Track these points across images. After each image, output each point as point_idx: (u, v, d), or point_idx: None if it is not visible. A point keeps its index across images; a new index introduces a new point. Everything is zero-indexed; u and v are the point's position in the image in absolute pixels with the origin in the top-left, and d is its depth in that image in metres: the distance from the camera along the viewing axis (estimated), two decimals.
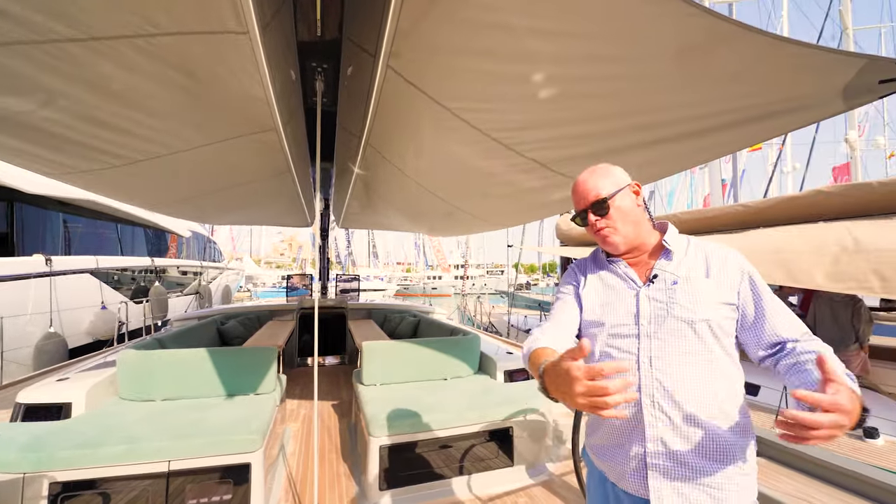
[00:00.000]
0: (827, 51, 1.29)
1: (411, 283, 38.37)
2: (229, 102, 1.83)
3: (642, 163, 2.12)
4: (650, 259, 1.04)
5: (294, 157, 3.00)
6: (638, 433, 0.93)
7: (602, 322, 1.02)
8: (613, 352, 0.99)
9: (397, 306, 5.58)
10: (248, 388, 2.66)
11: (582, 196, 1.03)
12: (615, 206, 1.00)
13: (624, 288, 1.03)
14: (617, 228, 1.01)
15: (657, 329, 0.94)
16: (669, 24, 1.22)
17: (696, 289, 0.94)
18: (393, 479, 2.25)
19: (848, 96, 1.43)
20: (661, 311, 0.95)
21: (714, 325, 0.91)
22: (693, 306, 0.92)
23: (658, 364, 0.93)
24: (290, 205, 4.95)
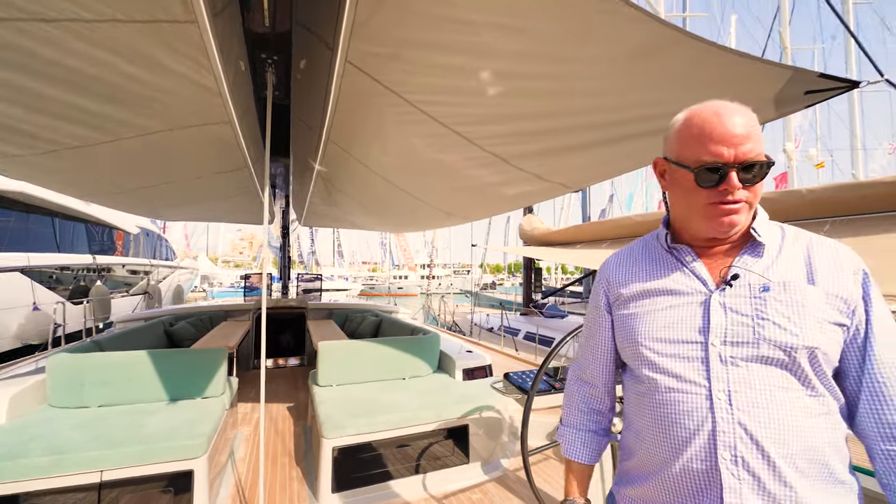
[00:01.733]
0: (760, 61, 1.40)
1: (377, 283, 37.96)
2: (179, 92, 1.74)
3: (594, 162, 2.21)
4: (730, 251, 0.74)
5: (251, 152, 2.89)
6: (711, 497, 0.66)
7: (650, 332, 0.75)
8: (668, 380, 0.71)
9: (359, 306, 5.50)
10: (195, 392, 2.54)
11: (729, 141, 0.67)
12: (764, 178, 0.69)
13: (687, 289, 0.74)
14: (750, 208, 0.71)
15: (736, 353, 0.67)
16: (620, 28, 1.28)
17: (796, 300, 0.67)
18: (346, 481, 2.22)
19: (778, 104, 1.56)
20: (743, 328, 0.68)
21: (821, 354, 0.65)
22: (794, 327, 0.65)
23: (740, 403, 0.65)
24: (249, 201, 4.77)
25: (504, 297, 13.91)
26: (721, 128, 0.67)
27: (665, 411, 0.71)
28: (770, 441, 0.63)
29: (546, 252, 7.14)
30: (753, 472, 0.63)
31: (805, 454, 0.63)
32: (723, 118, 0.67)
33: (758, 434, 0.63)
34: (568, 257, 7.11)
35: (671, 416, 0.70)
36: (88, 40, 1.36)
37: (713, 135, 0.67)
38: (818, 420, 0.65)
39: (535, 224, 8.17)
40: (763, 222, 0.73)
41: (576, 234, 7.09)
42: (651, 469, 0.73)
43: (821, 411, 0.65)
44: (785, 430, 0.63)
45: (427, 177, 2.97)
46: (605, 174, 2.36)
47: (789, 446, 0.63)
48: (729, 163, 0.66)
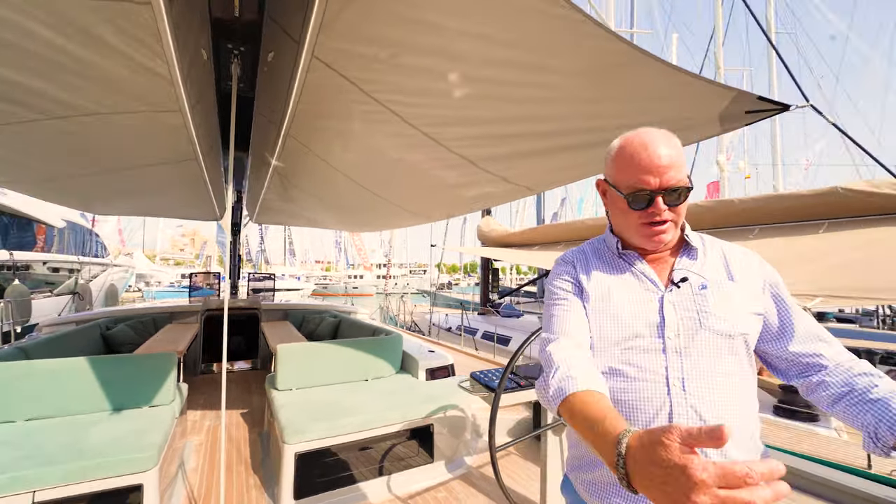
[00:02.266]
0: (709, 82, 1.54)
1: (331, 283, 36.97)
2: (125, 75, 1.61)
3: (558, 166, 2.31)
4: (669, 256, 0.85)
5: (202, 144, 2.73)
6: None
7: (613, 331, 0.81)
8: (631, 370, 0.78)
9: (316, 306, 5.35)
10: (141, 401, 2.36)
11: (655, 171, 0.76)
12: (686, 200, 0.79)
13: (641, 290, 0.83)
14: (678, 224, 0.81)
15: (688, 343, 0.76)
16: (588, 44, 1.35)
17: (727, 295, 0.78)
18: (308, 487, 2.16)
19: (723, 121, 1.71)
20: (690, 321, 0.77)
21: (750, 339, 0.78)
22: (730, 317, 0.77)
23: (692, 388, 0.74)
24: (197, 196, 4.49)
25: (461, 296, 14.06)
26: (647, 159, 0.77)
27: (627, 398, 0.78)
28: (715, 420, 0.72)
29: (504, 253, 7.32)
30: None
31: (740, 428, 0.74)
32: (649, 149, 0.77)
33: (706, 415, 0.73)
34: (525, 258, 7.33)
35: (633, 402, 0.77)
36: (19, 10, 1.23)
37: (641, 165, 0.77)
38: (748, 397, 0.78)
39: (492, 226, 8.34)
40: (690, 231, 0.86)
41: (532, 236, 7.32)
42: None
43: (749, 389, 0.78)
44: (727, 410, 0.74)
45: (392, 176, 2.96)
46: (568, 178, 2.47)
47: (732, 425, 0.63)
48: (655, 189, 0.76)
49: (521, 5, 1.22)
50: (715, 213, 4.52)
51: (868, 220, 3.31)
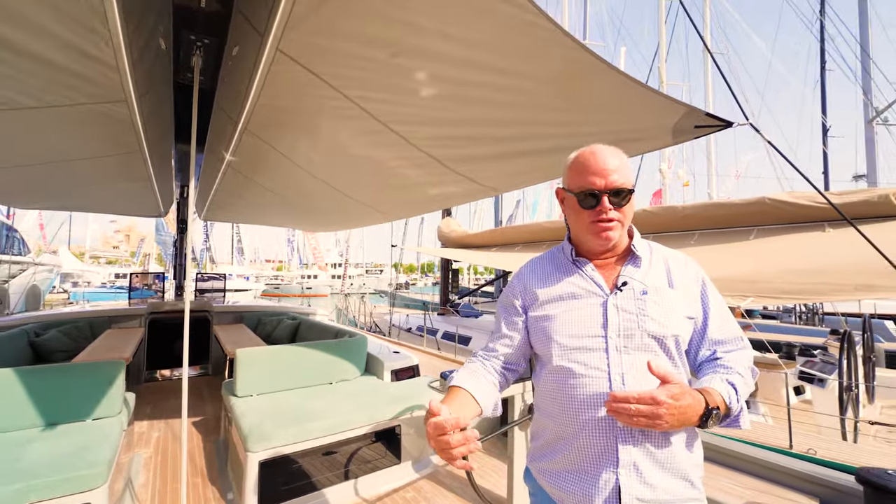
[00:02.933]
0: (663, 96, 1.65)
1: (283, 283, 35.61)
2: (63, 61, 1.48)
3: (523, 169, 2.39)
4: (617, 263, 0.94)
5: (149, 136, 2.56)
6: (608, 459, 0.83)
7: (563, 330, 0.91)
8: (578, 367, 0.87)
9: (273, 308, 5.15)
10: (83, 413, 2.18)
11: (600, 174, 0.88)
12: (629, 202, 0.90)
13: (589, 294, 0.92)
14: (621, 225, 0.91)
15: (628, 343, 0.85)
16: (557, 53, 1.41)
17: (664, 300, 0.88)
18: (273, 495, 2.10)
19: (674, 133, 1.84)
20: (630, 323, 0.86)
21: (681, 340, 0.88)
22: (664, 320, 0.86)
23: (631, 382, 0.83)
24: (139, 190, 4.18)
25: (420, 296, 14.06)
26: (595, 164, 0.89)
27: (575, 393, 0.87)
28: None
29: (464, 254, 7.42)
30: (638, 436, 0.82)
31: None
32: (597, 156, 0.90)
33: None
34: (484, 259, 7.47)
35: (580, 397, 0.86)
36: None
37: (590, 169, 0.89)
38: None
39: (452, 227, 8.42)
40: (638, 239, 0.95)
41: (491, 237, 7.47)
42: (562, 444, 0.89)
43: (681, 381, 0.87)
44: None
45: (358, 174, 2.92)
46: (533, 180, 2.57)
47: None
48: (601, 189, 0.88)
49: (495, 10, 1.25)
50: (661, 218, 4.86)
51: (790, 228, 3.71)
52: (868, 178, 11.39)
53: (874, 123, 11.78)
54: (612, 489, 0.81)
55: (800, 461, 2.10)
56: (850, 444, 3.20)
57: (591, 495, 0.83)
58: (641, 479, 0.81)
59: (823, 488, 1.78)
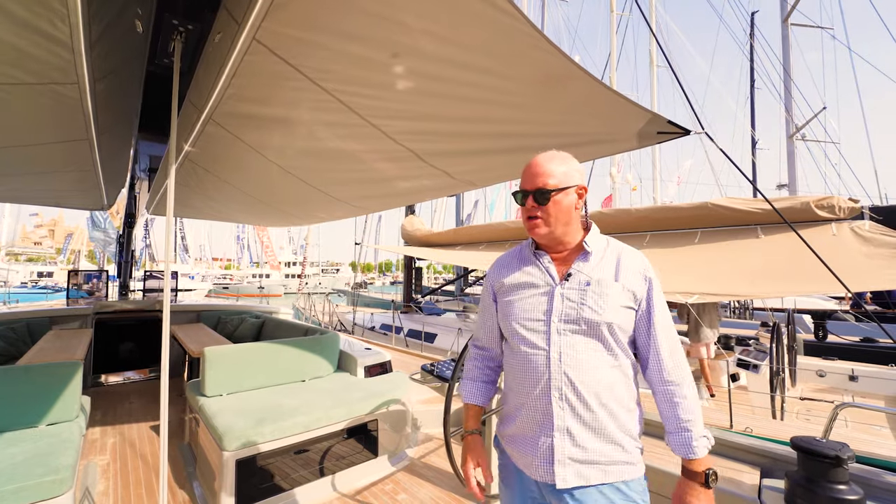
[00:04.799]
0: (631, 103, 1.77)
1: (232, 282, 33.84)
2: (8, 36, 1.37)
3: (500, 165, 2.48)
4: (571, 257, 1.06)
5: (102, 123, 2.41)
6: (547, 424, 0.98)
7: (517, 314, 1.06)
8: (526, 346, 1.02)
9: (233, 307, 4.95)
10: (35, 419, 2.02)
11: (530, 177, 1.03)
12: (555, 201, 1.00)
13: (541, 283, 1.05)
14: (548, 223, 1.02)
15: (566, 327, 0.99)
16: (536, 56, 1.48)
17: (604, 291, 0.99)
18: (251, 494, 2.06)
19: (639, 138, 1.98)
20: (571, 310, 0.99)
21: (616, 327, 0.98)
22: (600, 309, 0.97)
23: (566, 360, 0.97)
24: (79, 181, 3.88)
25: (384, 296, 13.94)
26: (528, 168, 1.05)
27: (523, 367, 1.03)
28: (580, 383, 0.96)
29: (428, 252, 7.48)
30: (571, 403, 0.96)
31: (603, 391, 0.97)
32: (534, 161, 1.05)
33: (574, 379, 0.96)
34: (448, 257, 7.56)
35: (526, 371, 1.02)
36: None
37: (525, 171, 1.06)
38: (613, 370, 0.99)
39: (416, 225, 8.45)
40: (594, 235, 1.06)
41: (455, 236, 7.59)
42: (515, 411, 1.06)
43: (615, 364, 0.99)
44: (590, 376, 0.97)
45: (331, 166, 2.88)
46: (509, 176, 2.68)
47: (592, 386, 0.96)
48: (526, 190, 1.04)
49: (479, 11, 1.29)
50: (616, 219, 5.18)
51: (729, 231, 4.09)
52: (789, 188, 12.67)
53: (794, 139, 13.12)
54: (547, 448, 0.98)
55: (740, 436, 2.36)
56: (780, 422, 3.60)
57: (534, 454, 1.00)
58: (573, 442, 0.96)
59: (762, 458, 2.01)
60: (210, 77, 1.96)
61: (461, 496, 2.26)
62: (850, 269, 3.22)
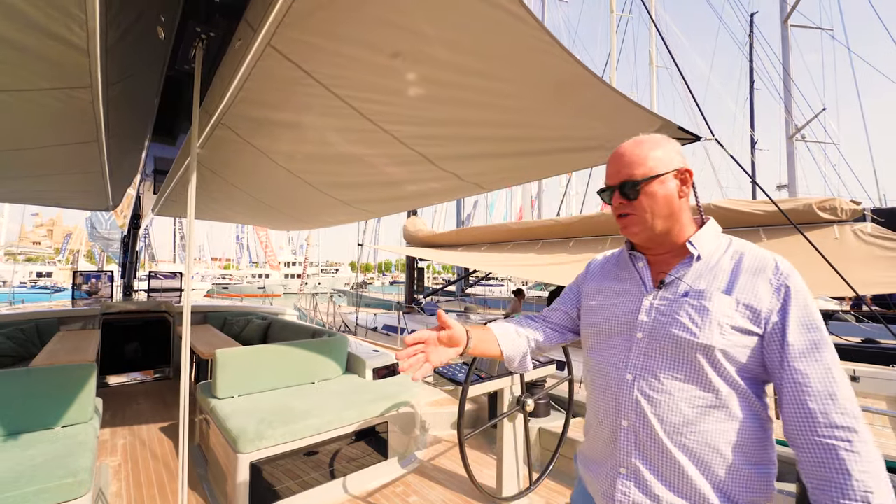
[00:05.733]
0: (642, 108, 1.79)
1: (231, 282, 33.82)
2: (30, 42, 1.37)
3: (510, 168, 2.51)
4: (673, 259, 0.86)
5: (111, 126, 2.42)
6: (611, 453, 0.83)
7: (596, 322, 0.92)
8: (601, 361, 0.88)
9: (239, 308, 4.96)
10: (52, 420, 2.04)
11: (614, 169, 0.85)
12: (647, 193, 0.81)
13: (631, 288, 0.89)
14: (642, 220, 0.83)
15: (651, 346, 0.81)
16: (549, 63, 1.49)
17: (706, 306, 0.76)
18: (265, 496, 2.08)
19: None
20: (660, 324, 0.80)
21: (720, 353, 0.74)
22: (696, 328, 0.76)
23: (641, 385, 0.80)
24: (86, 183, 3.89)
25: (387, 297, 13.95)
26: (611, 159, 0.88)
27: (596, 384, 0.89)
28: (656, 418, 0.77)
29: (430, 253, 7.48)
30: (639, 440, 0.79)
31: (690, 435, 0.74)
32: (616, 151, 0.87)
33: (648, 412, 0.78)
34: (450, 258, 7.57)
35: (598, 389, 0.88)
36: None
37: (608, 164, 0.88)
38: (710, 410, 0.75)
39: (418, 226, 8.46)
40: (706, 233, 0.84)
41: (458, 237, 7.59)
42: (588, 427, 0.93)
43: (714, 402, 0.75)
44: (673, 414, 0.76)
45: (340, 170, 2.91)
46: (518, 179, 2.70)
47: (674, 426, 0.76)
48: (609, 185, 0.86)
49: (495, 18, 1.29)
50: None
51: (732, 232, 4.10)
52: (789, 189, 12.73)
53: (794, 139, 13.18)
54: (609, 481, 0.83)
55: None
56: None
57: (598, 480, 0.86)
58: (642, 488, 0.78)
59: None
60: (222, 81, 1.99)
61: (473, 499, 2.28)
62: (853, 271, 3.24)
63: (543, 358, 2.37)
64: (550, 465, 2.28)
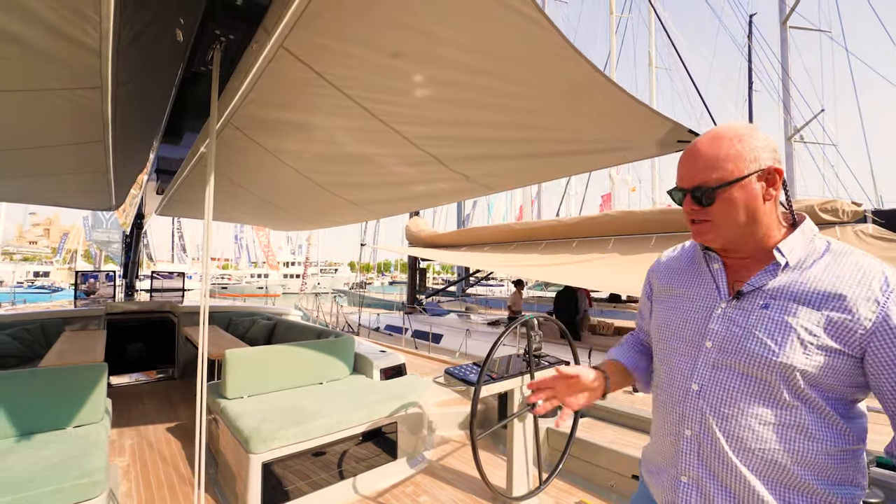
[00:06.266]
0: (653, 111, 1.79)
1: (230, 282, 33.77)
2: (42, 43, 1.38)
3: (520, 169, 2.52)
4: (755, 265, 0.78)
5: (119, 126, 2.43)
6: (674, 462, 0.80)
7: (665, 326, 0.87)
8: (667, 368, 0.85)
9: (244, 308, 4.96)
10: (63, 421, 2.04)
11: (687, 171, 0.77)
12: (725, 199, 0.73)
13: (704, 293, 0.82)
14: (717, 228, 0.76)
15: (722, 359, 0.75)
16: (563, 66, 1.49)
17: (788, 321, 0.69)
18: (276, 497, 2.08)
19: (660, 146, 2.01)
20: (733, 337, 0.74)
21: (800, 374, 0.68)
22: (776, 345, 0.69)
23: (707, 397, 0.75)
24: (89, 182, 3.89)
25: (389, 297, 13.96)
26: (683, 158, 0.79)
27: (661, 389, 0.87)
28: (725, 434, 0.72)
29: (433, 253, 7.50)
30: (704, 454, 0.75)
31: (760, 455, 0.70)
32: (690, 149, 0.78)
33: (716, 426, 0.73)
34: (453, 258, 7.59)
35: (662, 394, 0.86)
36: None
37: (680, 162, 0.80)
38: (777, 428, 0.70)
39: (421, 226, 8.48)
40: (800, 237, 0.75)
41: (459, 237, 7.62)
42: (653, 433, 0.90)
43: (782, 421, 0.69)
44: (737, 426, 0.71)
45: (349, 170, 2.92)
46: (527, 181, 2.71)
47: (744, 443, 0.71)
48: (682, 188, 0.78)
49: (508, 20, 1.29)
50: (621, 222, 5.22)
51: None
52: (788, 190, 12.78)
53: (793, 141, 13.23)
54: (670, 493, 0.80)
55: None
56: None
57: (661, 489, 0.83)
58: (702, 494, 0.75)
59: None
60: (234, 82, 1.99)
61: (483, 499, 2.29)
62: None
63: (551, 359, 2.38)
64: (559, 465, 2.29)
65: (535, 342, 2.21)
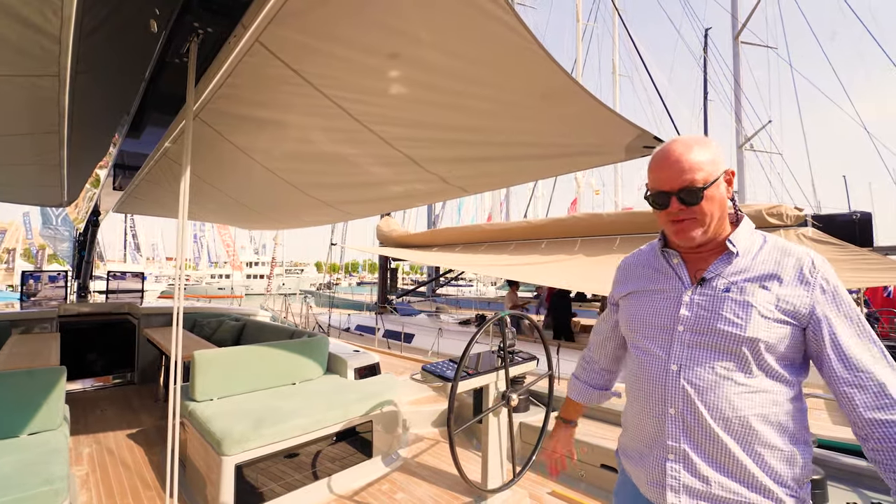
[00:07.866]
0: (622, 118, 1.89)
1: (189, 283, 32.28)
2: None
3: (496, 172, 2.58)
4: (710, 256, 0.89)
5: (76, 116, 2.31)
6: (659, 441, 0.87)
7: (636, 321, 0.95)
8: (643, 354, 0.92)
9: (209, 309, 4.79)
10: (17, 428, 1.92)
11: (672, 174, 0.84)
12: (708, 197, 0.83)
13: (669, 285, 0.91)
14: (703, 223, 0.84)
15: (693, 339, 0.85)
16: (538, 72, 1.55)
17: (748, 301, 0.81)
18: (248, 500, 2.05)
19: (627, 151, 2.11)
20: (703, 320, 0.84)
21: (763, 345, 0.79)
22: (741, 321, 0.80)
23: (687, 374, 0.84)
24: (39, 175, 3.65)
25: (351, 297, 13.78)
26: (666, 161, 0.85)
27: (639, 376, 0.93)
28: (703, 404, 0.81)
29: (405, 253, 7.50)
30: (688, 425, 0.83)
31: (734, 419, 0.79)
32: (669, 152, 0.85)
33: (696, 398, 0.82)
34: (425, 259, 7.62)
35: (640, 377, 0.92)
36: None
37: (661, 165, 0.86)
38: (753, 395, 0.80)
39: (392, 226, 8.44)
40: (744, 231, 0.88)
41: (432, 237, 7.65)
42: (630, 421, 0.97)
43: (752, 388, 0.80)
44: (719, 399, 0.80)
45: (323, 171, 2.88)
46: (501, 183, 2.78)
47: (720, 411, 0.80)
48: (668, 191, 0.85)
49: (489, 29, 1.34)
50: (587, 223, 5.42)
51: None
52: (739, 195, 13.65)
53: (743, 149, 14.12)
54: (658, 468, 0.86)
55: None
56: None
57: (644, 470, 0.89)
58: (692, 471, 0.82)
59: None
60: (207, 76, 1.95)
61: (459, 493, 2.34)
62: None
63: (525, 355, 2.46)
64: (532, 458, 2.37)
65: (508, 339, 2.28)
